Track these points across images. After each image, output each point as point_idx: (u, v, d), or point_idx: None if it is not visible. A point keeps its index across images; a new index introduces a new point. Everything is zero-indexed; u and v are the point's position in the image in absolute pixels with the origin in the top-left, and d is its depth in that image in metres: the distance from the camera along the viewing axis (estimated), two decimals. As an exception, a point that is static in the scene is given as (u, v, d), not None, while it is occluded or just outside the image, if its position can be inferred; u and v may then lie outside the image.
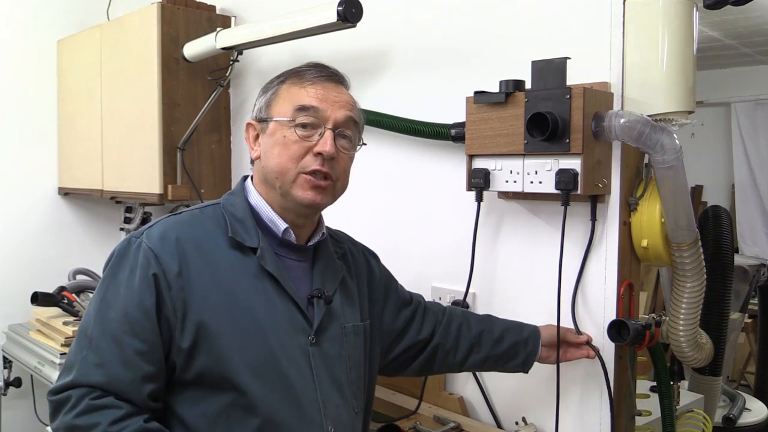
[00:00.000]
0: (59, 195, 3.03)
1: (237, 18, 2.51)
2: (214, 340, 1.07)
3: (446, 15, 1.84)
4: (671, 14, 1.39)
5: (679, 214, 1.41)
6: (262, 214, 1.19)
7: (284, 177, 1.16)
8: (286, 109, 1.17)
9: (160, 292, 1.07)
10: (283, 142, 1.15)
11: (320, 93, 1.17)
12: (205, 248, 1.12)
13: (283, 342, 1.12)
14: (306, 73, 1.19)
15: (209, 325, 1.07)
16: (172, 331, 1.07)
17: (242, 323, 1.09)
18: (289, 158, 1.15)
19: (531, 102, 1.46)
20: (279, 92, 1.19)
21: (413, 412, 1.80)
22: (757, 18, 3.97)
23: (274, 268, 1.15)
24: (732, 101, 5.49)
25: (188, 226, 1.15)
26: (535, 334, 1.49)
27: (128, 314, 1.06)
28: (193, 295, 1.08)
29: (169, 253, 1.09)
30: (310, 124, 1.15)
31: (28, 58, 2.92)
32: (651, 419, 1.75)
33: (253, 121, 1.22)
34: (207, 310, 1.08)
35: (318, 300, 1.19)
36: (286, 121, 1.16)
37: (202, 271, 1.10)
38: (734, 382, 4.35)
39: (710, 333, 1.67)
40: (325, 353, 1.17)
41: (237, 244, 1.14)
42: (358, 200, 2.09)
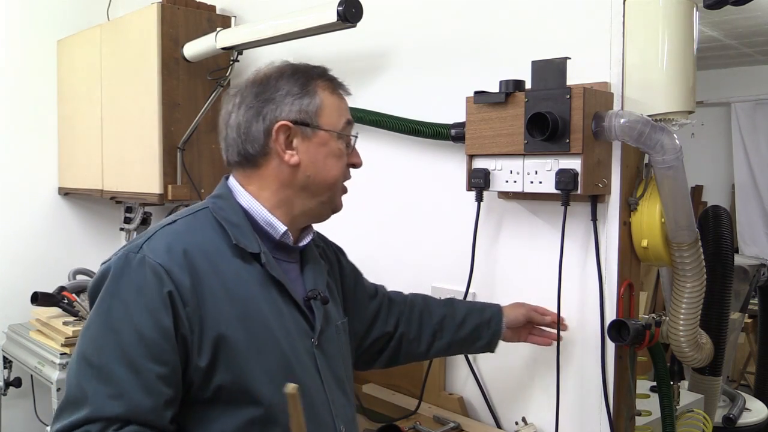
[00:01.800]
0: (59, 195, 3.03)
1: (237, 18, 2.51)
2: (233, 354, 1.03)
3: (446, 15, 1.84)
4: (671, 14, 1.39)
5: (679, 214, 1.41)
6: (258, 217, 1.14)
7: (335, 188, 1.18)
8: (338, 122, 1.16)
9: (176, 310, 1.00)
10: (338, 155, 1.16)
11: (347, 102, 1.21)
12: (212, 258, 1.06)
13: (294, 348, 1.10)
14: (335, 82, 1.20)
15: (227, 339, 1.02)
16: (189, 349, 1.01)
17: (257, 333, 1.06)
18: (341, 171, 1.18)
19: (531, 102, 1.46)
20: (323, 99, 1.15)
21: (413, 412, 1.80)
22: (757, 18, 3.97)
23: (279, 274, 1.12)
24: (732, 101, 5.48)
25: (190, 235, 1.08)
26: (497, 314, 1.50)
27: (145, 337, 0.98)
28: (207, 309, 1.02)
29: (179, 266, 1.02)
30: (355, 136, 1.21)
31: (28, 58, 2.92)
32: (651, 419, 1.75)
33: (289, 123, 1.13)
34: (222, 323, 1.03)
35: (315, 301, 1.17)
36: (337, 134, 1.16)
37: (212, 283, 1.04)
38: (734, 382, 4.35)
39: (710, 333, 1.67)
40: (327, 354, 1.17)
41: (239, 251, 1.09)
42: (358, 200, 2.09)
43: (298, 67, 1.18)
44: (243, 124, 1.14)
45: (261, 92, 1.14)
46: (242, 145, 1.14)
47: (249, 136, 1.13)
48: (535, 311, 1.54)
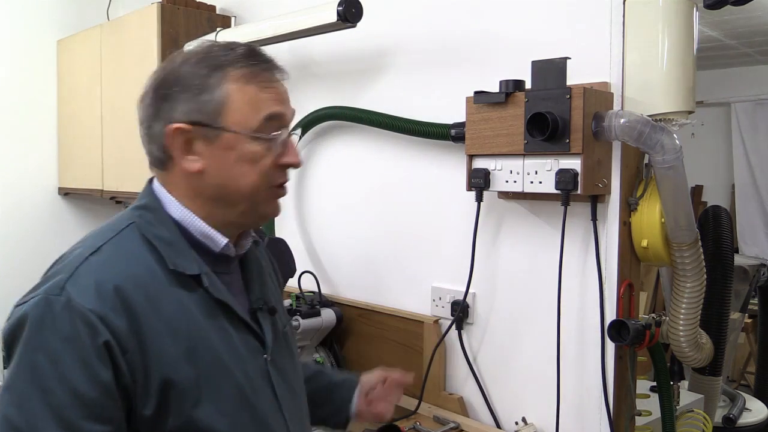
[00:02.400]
0: (59, 195, 3.03)
1: (237, 18, 2.51)
2: (182, 397, 0.90)
3: (446, 15, 1.84)
4: (671, 14, 1.40)
5: (679, 214, 1.41)
6: (193, 229, 0.98)
7: (256, 196, 0.98)
8: (251, 119, 0.95)
9: (115, 360, 0.86)
10: (251, 159, 0.96)
11: (277, 91, 0.99)
12: (148, 289, 0.91)
13: (247, 374, 0.98)
14: (255, 68, 0.97)
15: (173, 382, 0.89)
16: (132, 400, 0.88)
17: (207, 368, 0.93)
18: (260, 176, 0.97)
19: (531, 102, 1.46)
20: (229, 94, 0.95)
21: (413, 412, 1.80)
22: (757, 18, 3.97)
23: (224, 295, 0.98)
24: (732, 101, 5.48)
25: (119, 265, 0.91)
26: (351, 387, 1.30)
27: (82, 396, 0.84)
28: (149, 352, 0.89)
29: (112, 308, 0.87)
30: (278, 135, 0.98)
31: (28, 58, 2.92)
32: (651, 419, 1.75)
33: (185, 126, 0.95)
34: (167, 365, 0.89)
35: (261, 313, 1.04)
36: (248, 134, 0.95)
37: (152, 321, 0.89)
38: (734, 382, 4.35)
39: (710, 333, 1.67)
40: (281, 368, 1.05)
41: (177, 276, 0.94)
42: (358, 200, 2.10)
43: (210, 51, 0.98)
44: (144, 121, 0.99)
45: (160, 85, 0.98)
46: (147, 145, 1.01)
47: (152, 137, 0.99)
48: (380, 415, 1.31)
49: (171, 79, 0.97)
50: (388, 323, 1.94)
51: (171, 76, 0.97)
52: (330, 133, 2.19)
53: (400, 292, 1.97)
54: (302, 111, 2.16)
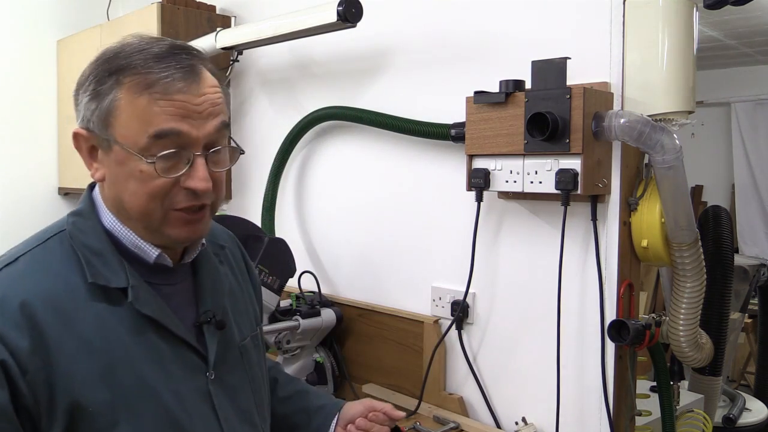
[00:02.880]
0: (59, 195, 3.03)
1: (237, 18, 2.51)
2: (93, 420, 0.84)
3: (446, 15, 1.84)
4: (671, 14, 1.40)
5: (679, 214, 1.41)
6: (124, 239, 0.92)
7: (149, 218, 0.90)
8: (138, 135, 0.86)
9: (12, 380, 0.80)
10: (140, 178, 0.87)
11: (180, 106, 0.86)
12: (61, 306, 0.85)
13: (179, 394, 0.91)
14: (154, 76, 0.86)
15: (83, 404, 0.83)
16: (36, 422, 0.82)
17: (125, 389, 0.86)
18: (150, 197, 0.88)
19: (531, 102, 1.46)
20: (119, 103, 0.86)
21: (413, 412, 1.80)
22: (757, 18, 3.97)
23: (153, 309, 0.91)
24: (732, 101, 5.48)
25: (31, 279, 0.86)
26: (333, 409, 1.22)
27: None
28: (56, 372, 0.82)
29: (14, 326, 0.81)
30: (173, 154, 0.87)
31: (28, 58, 2.92)
32: (651, 419, 1.75)
33: (82, 132, 0.90)
34: (77, 386, 0.83)
35: (208, 326, 0.97)
36: (137, 154, 0.86)
37: (62, 338, 0.84)
38: (734, 382, 4.35)
39: (710, 333, 1.67)
40: (228, 386, 0.98)
41: (100, 288, 0.88)
42: (358, 200, 2.10)
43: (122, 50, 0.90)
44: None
45: (77, 85, 0.92)
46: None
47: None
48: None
49: (80, 78, 0.92)
50: (388, 323, 1.95)
51: (81, 75, 0.92)
52: (330, 133, 2.19)
53: (400, 292, 1.97)
54: (302, 111, 2.16)
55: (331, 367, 1.98)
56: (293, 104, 2.26)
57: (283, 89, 2.30)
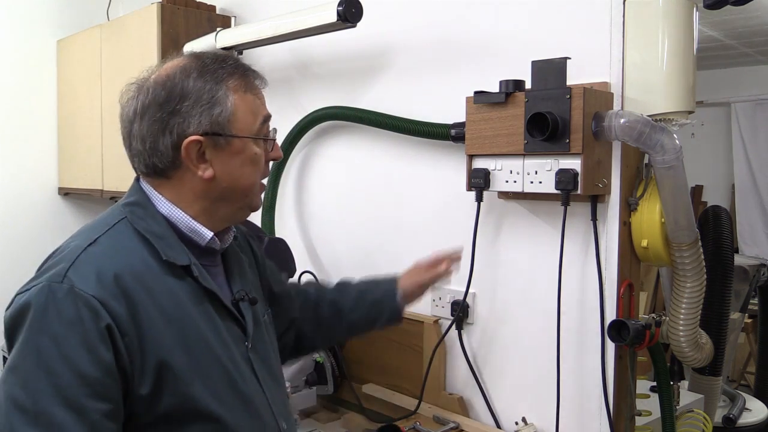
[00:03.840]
0: (59, 195, 3.03)
1: (237, 18, 2.51)
2: (176, 379, 0.97)
3: (446, 15, 1.84)
4: (671, 14, 1.40)
5: (679, 214, 1.41)
6: (181, 225, 1.05)
7: (252, 191, 1.09)
8: (252, 124, 1.06)
9: (115, 343, 0.93)
10: (255, 160, 1.07)
11: (263, 96, 1.10)
12: (144, 279, 0.98)
13: (233, 359, 1.06)
14: (248, 78, 1.07)
15: (169, 365, 0.96)
16: (129, 380, 0.95)
17: (198, 353, 1.00)
18: (259, 173, 1.09)
19: (531, 102, 1.46)
20: (235, 103, 1.04)
21: (413, 412, 1.80)
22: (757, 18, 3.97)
23: (211, 284, 1.05)
24: (732, 101, 5.48)
25: (117, 256, 0.98)
26: (391, 290, 1.41)
27: (86, 376, 0.90)
28: (146, 337, 0.96)
29: (113, 296, 0.94)
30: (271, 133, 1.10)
31: (28, 58, 2.92)
32: (651, 419, 1.75)
33: (200, 138, 1.02)
34: (163, 349, 0.97)
35: (243, 303, 1.12)
36: (252, 138, 1.06)
37: (149, 308, 0.97)
38: (734, 382, 4.35)
39: (710, 333, 1.67)
40: (261, 354, 1.13)
41: (169, 266, 1.01)
42: (358, 200, 2.10)
43: (206, 63, 1.05)
44: (148, 138, 1.03)
45: (166, 101, 1.02)
46: (149, 158, 1.05)
47: (156, 151, 1.03)
48: (430, 278, 1.44)
49: (177, 93, 1.02)
50: (388, 323, 1.94)
51: (176, 90, 1.02)
52: (330, 133, 2.19)
53: (400, 292, 1.97)
54: (302, 111, 2.16)
55: (331, 367, 1.98)
56: (293, 104, 2.26)
57: (283, 89, 2.30)
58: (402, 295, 1.41)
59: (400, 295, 1.41)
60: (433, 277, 1.45)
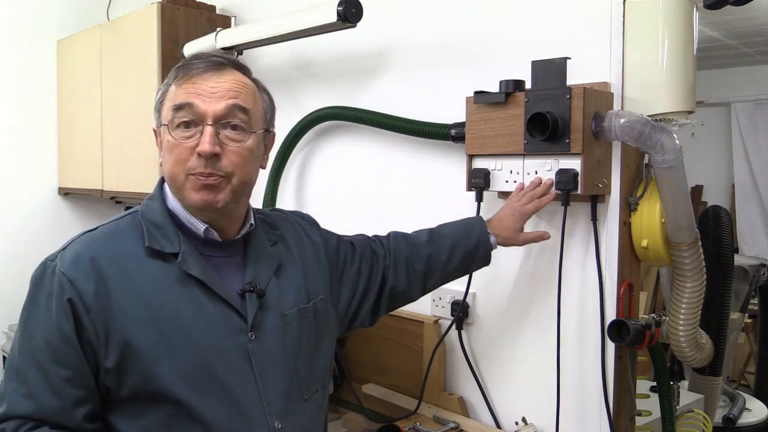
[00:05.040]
0: (59, 195, 3.03)
1: (237, 18, 2.51)
2: (141, 357, 1.04)
3: (446, 15, 1.84)
4: (671, 14, 1.40)
5: (679, 214, 1.41)
6: (181, 217, 1.13)
7: (176, 182, 1.11)
8: (168, 112, 1.11)
9: (77, 316, 1.03)
10: (169, 147, 1.10)
11: (196, 87, 1.09)
12: (123, 262, 1.08)
13: (217, 346, 1.09)
14: (188, 69, 1.11)
15: (133, 343, 1.04)
16: (96, 353, 1.05)
17: (169, 335, 1.06)
18: (175, 162, 1.09)
19: (531, 102, 1.46)
20: (166, 95, 1.13)
21: (413, 412, 1.80)
22: (757, 18, 3.97)
23: (200, 271, 1.10)
24: (732, 101, 5.48)
25: (103, 242, 1.10)
26: (484, 236, 1.47)
27: (50, 342, 1.04)
28: (114, 314, 1.05)
29: (84, 274, 1.05)
30: (190, 122, 1.08)
31: (28, 58, 2.92)
32: (651, 419, 1.75)
33: (155, 127, 1.17)
34: (130, 327, 1.05)
35: (250, 294, 1.14)
36: (167, 125, 1.10)
37: (121, 288, 1.06)
38: (734, 382, 4.35)
39: (710, 333, 1.67)
40: (267, 347, 1.14)
41: (156, 253, 1.09)
42: (358, 200, 2.10)
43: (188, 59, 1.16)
44: None
45: None
46: None
47: None
48: (526, 213, 1.48)
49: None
50: (388, 323, 1.94)
51: None
52: (330, 133, 2.19)
53: (400, 292, 1.97)
54: (302, 111, 2.16)
55: (331, 367, 1.98)
56: (293, 104, 2.25)
57: (283, 89, 2.30)
58: (496, 241, 1.49)
59: (494, 242, 1.49)
60: (535, 204, 1.48)
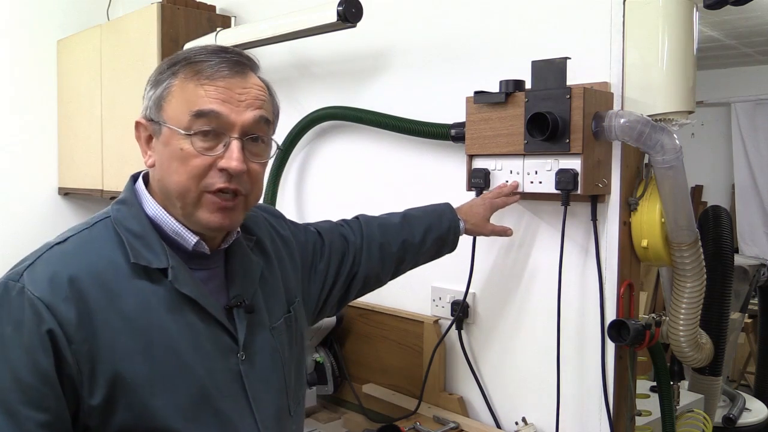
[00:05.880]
0: (59, 195, 3.03)
1: (237, 18, 2.51)
2: (133, 392, 0.90)
3: (446, 15, 1.84)
4: (671, 14, 1.40)
5: (679, 214, 1.41)
6: (165, 226, 0.99)
7: (186, 198, 0.96)
8: (182, 115, 0.94)
9: (58, 349, 0.87)
10: (180, 156, 0.94)
11: (222, 92, 0.95)
12: (106, 282, 0.92)
13: (212, 372, 0.97)
14: (204, 65, 0.96)
15: (124, 375, 0.89)
16: (78, 390, 0.88)
17: (163, 364, 0.92)
18: (189, 176, 0.94)
19: (531, 102, 1.46)
20: (172, 89, 0.96)
21: (413, 412, 1.80)
22: (757, 18, 3.97)
23: (192, 289, 0.97)
24: (732, 101, 5.49)
25: (80, 257, 0.93)
26: (454, 221, 1.50)
27: (21, 381, 0.85)
28: (99, 344, 0.89)
29: (63, 299, 0.88)
30: (212, 132, 0.94)
31: (28, 58, 2.92)
32: (651, 419, 1.75)
33: (142, 121, 1.00)
34: (119, 358, 0.90)
35: (238, 310, 1.02)
36: (181, 132, 0.94)
37: (106, 313, 0.90)
38: (734, 382, 4.35)
39: (710, 333, 1.67)
40: (258, 367, 1.03)
41: (142, 269, 0.94)
42: (358, 200, 2.10)
43: (189, 50, 1.00)
44: None
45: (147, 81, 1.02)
46: None
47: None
48: (495, 205, 1.55)
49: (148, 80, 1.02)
50: (388, 323, 1.94)
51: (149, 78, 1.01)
52: (330, 133, 2.19)
53: (400, 292, 1.97)
54: (302, 111, 2.16)
55: (331, 367, 1.98)
56: (293, 104, 2.25)
57: (283, 89, 2.29)
58: (464, 227, 1.52)
59: (462, 227, 1.51)
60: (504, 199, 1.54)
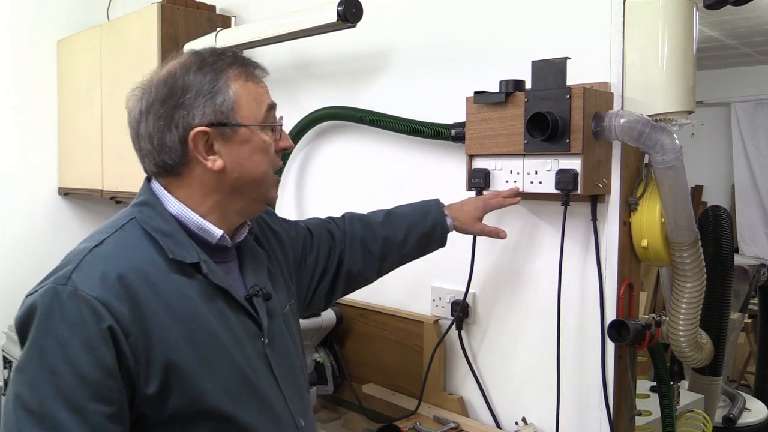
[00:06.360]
0: (59, 195, 3.03)
1: (237, 18, 2.51)
2: (185, 378, 0.97)
3: (446, 15, 1.84)
4: (671, 14, 1.40)
5: (679, 214, 1.41)
6: (189, 223, 1.05)
7: (265, 182, 1.09)
8: (257, 111, 1.06)
9: (117, 344, 0.92)
10: (263, 148, 1.07)
11: (265, 85, 1.11)
12: (150, 278, 0.98)
13: (248, 356, 1.05)
14: (249, 68, 1.08)
15: (177, 364, 0.96)
16: (135, 381, 0.95)
17: (208, 351, 1.00)
18: (269, 163, 1.08)
19: (531, 102, 1.46)
20: (237, 92, 1.04)
21: (413, 412, 1.80)
22: (757, 18, 3.97)
23: (222, 280, 1.05)
24: (732, 101, 5.49)
25: (122, 257, 0.98)
26: (440, 218, 1.50)
27: (86, 378, 0.91)
28: (152, 336, 0.95)
29: (116, 296, 0.93)
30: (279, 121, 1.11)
31: (28, 58, 2.92)
32: (651, 419, 1.75)
33: (206, 129, 1.02)
34: (170, 348, 0.96)
35: (257, 298, 1.11)
36: (258, 126, 1.06)
37: (155, 307, 0.96)
38: (734, 382, 4.35)
39: (710, 333, 1.67)
40: (279, 350, 1.12)
41: (177, 264, 1.01)
42: (358, 200, 2.10)
43: (204, 57, 1.06)
44: (155, 134, 1.04)
45: (168, 96, 1.03)
46: (158, 156, 1.05)
47: (164, 147, 1.04)
48: (490, 205, 1.53)
49: (178, 88, 1.03)
50: (388, 323, 1.95)
51: (177, 85, 1.03)
52: (330, 133, 2.19)
53: (400, 292, 1.97)
54: (302, 111, 2.16)
55: (331, 367, 1.98)
56: (293, 104, 2.26)
57: (283, 89, 2.30)
58: (452, 224, 1.51)
59: (450, 224, 1.51)
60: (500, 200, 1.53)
